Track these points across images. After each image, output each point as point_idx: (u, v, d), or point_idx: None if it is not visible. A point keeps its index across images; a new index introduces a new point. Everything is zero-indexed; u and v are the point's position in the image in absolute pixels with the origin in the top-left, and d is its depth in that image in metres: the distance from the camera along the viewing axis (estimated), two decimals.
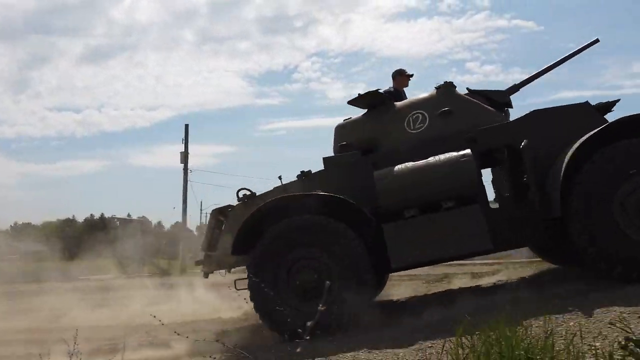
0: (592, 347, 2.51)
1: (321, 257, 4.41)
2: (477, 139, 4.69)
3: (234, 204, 5.30)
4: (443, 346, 2.77)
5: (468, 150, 4.52)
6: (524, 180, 4.52)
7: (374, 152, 5.05)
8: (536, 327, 2.90)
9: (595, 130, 4.19)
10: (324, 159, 5.18)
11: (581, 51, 5.50)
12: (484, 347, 2.32)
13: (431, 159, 4.59)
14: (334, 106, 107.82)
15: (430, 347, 3.24)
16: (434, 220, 4.45)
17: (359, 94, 5.27)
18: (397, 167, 4.62)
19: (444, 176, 4.45)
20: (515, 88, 5.44)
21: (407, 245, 4.43)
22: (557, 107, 4.84)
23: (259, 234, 4.46)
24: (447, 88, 5.12)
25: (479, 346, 2.34)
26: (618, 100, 4.94)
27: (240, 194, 5.18)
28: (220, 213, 5.42)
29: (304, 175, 5.05)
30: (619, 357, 1.91)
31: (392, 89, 5.65)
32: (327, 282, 2.22)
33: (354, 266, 4.34)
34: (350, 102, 5.41)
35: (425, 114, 5.04)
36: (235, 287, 5.36)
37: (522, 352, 1.95)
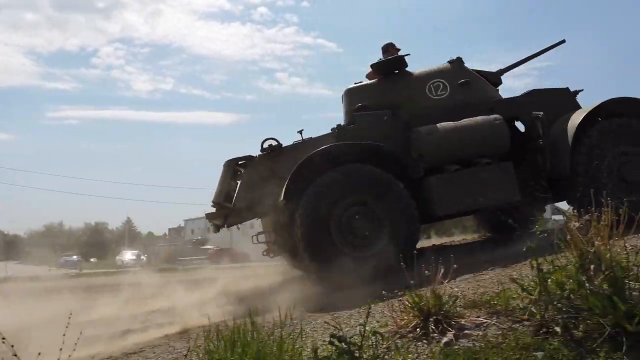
0: (324, 343, 2.74)
1: (374, 205, 4.66)
2: (494, 109, 5.36)
3: (254, 155, 5.26)
4: (189, 349, 2.73)
5: (499, 115, 5.16)
6: (539, 145, 5.19)
7: (394, 113, 5.37)
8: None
9: (593, 107, 5.18)
10: (354, 115, 5.42)
11: (549, 49, 6.37)
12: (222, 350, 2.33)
13: (469, 121, 5.10)
14: (140, 99, 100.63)
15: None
16: (475, 174, 4.97)
17: (387, 58, 5.73)
18: (442, 125, 5.03)
19: (484, 136, 5.02)
20: (501, 72, 6.27)
21: (452, 195, 4.84)
22: (550, 88, 5.80)
23: (310, 179, 4.62)
24: (459, 62, 5.74)
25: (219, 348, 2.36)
26: (581, 90, 5.84)
27: (266, 144, 5.17)
28: (238, 164, 5.33)
29: (340, 129, 5.29)
30: (327, 353, 2.11)
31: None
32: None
33: (404, 217, 4.64)
34: (374, 65, 5.79)
35: (446, 83, 5.56)
36: (253, 241, 5.96)
37: (237, 356, 2.00)
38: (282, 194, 4.66)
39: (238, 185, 5.23)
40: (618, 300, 2.17)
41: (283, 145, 5.25)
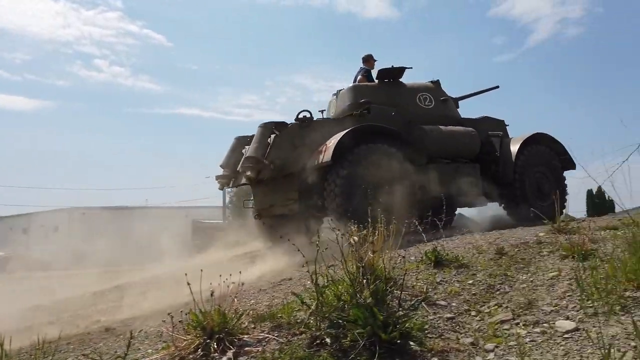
0: None
1: (393, 179, 5.67)
2: (462, 124, 7.11)
3: (289, 122, 6.28)
4: None
5: (472, 128, 6.95)
6: (496, 157, 7.01)
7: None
8: None
9: (528, 136, 7.29)
10: (370, 107, 6.50)
11: (483, 92, 8.10)
12: None
13: (456, 128, 6.85)
14: None
15: None
16: (458, 168, 6.50)
17: (392, 66, 6.94)
18: (440, 127, 6.64)
19: (466, 141, 6.76)
20: (458, 99, 7.92)
21: (443, 181, 6.21)
22: (495, 118, 7.75)
23: (349, 147, 5.72)
24: (438, 83, 7.43)
25: None
26: (508, 125, 7.90)
27: (301, 115, 6.22)
28: (274, 127, 6.20)
29: (360, 114, 6.40)
30: None
31: (368, 69, 7.42)
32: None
33: (412, 191, 5.76)
34: (381, 70, 7.02)
35: (431, 97, 7.12)
36: (244, 206, 7.69)
37: None
38: (329, 156, 5.55)
39: (271, 145, 6.07)
40: (377, 311, 2.40)
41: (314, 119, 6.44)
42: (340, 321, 2.53)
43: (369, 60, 7.49)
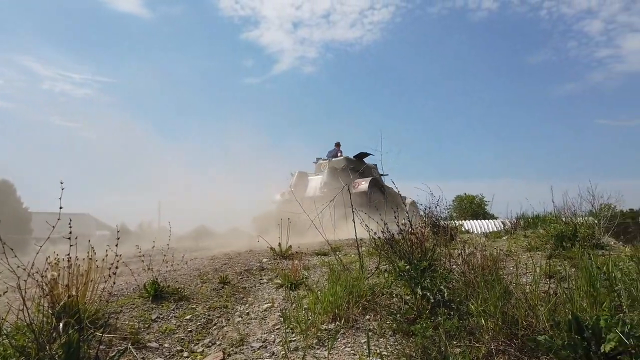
0: None
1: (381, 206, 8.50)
2: (383, 186, 13.09)
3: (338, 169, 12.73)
4: None
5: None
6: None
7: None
8: None
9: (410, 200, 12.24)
10: (366, 167, 13.08)
11: (367, 155, 13.66)
12: None
13: (392, 188, 12.20)
14: None
15: None
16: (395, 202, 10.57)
17: (365, 152, 13.18)
18: (389, 185, 12.39)
19: (394, 191, 11.92)
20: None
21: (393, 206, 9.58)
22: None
23: (372, 186, 11.55)
24: (376, 165, 13.61)
25: None
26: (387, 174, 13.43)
27: (343, 165, 12.86)
28: (337, 169, 12.60)
29: (363, 173, 12.58)
30: None
31: (341, 150, 13.54)
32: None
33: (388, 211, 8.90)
34: (359, 153, 13.15)
35: (377, 172, 13.22)
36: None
37: None
38: (366, 188, 11.28)
39: (336, 178, 11.85)
40: None
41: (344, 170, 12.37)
42: None
43: (338, 145, 13.50)
